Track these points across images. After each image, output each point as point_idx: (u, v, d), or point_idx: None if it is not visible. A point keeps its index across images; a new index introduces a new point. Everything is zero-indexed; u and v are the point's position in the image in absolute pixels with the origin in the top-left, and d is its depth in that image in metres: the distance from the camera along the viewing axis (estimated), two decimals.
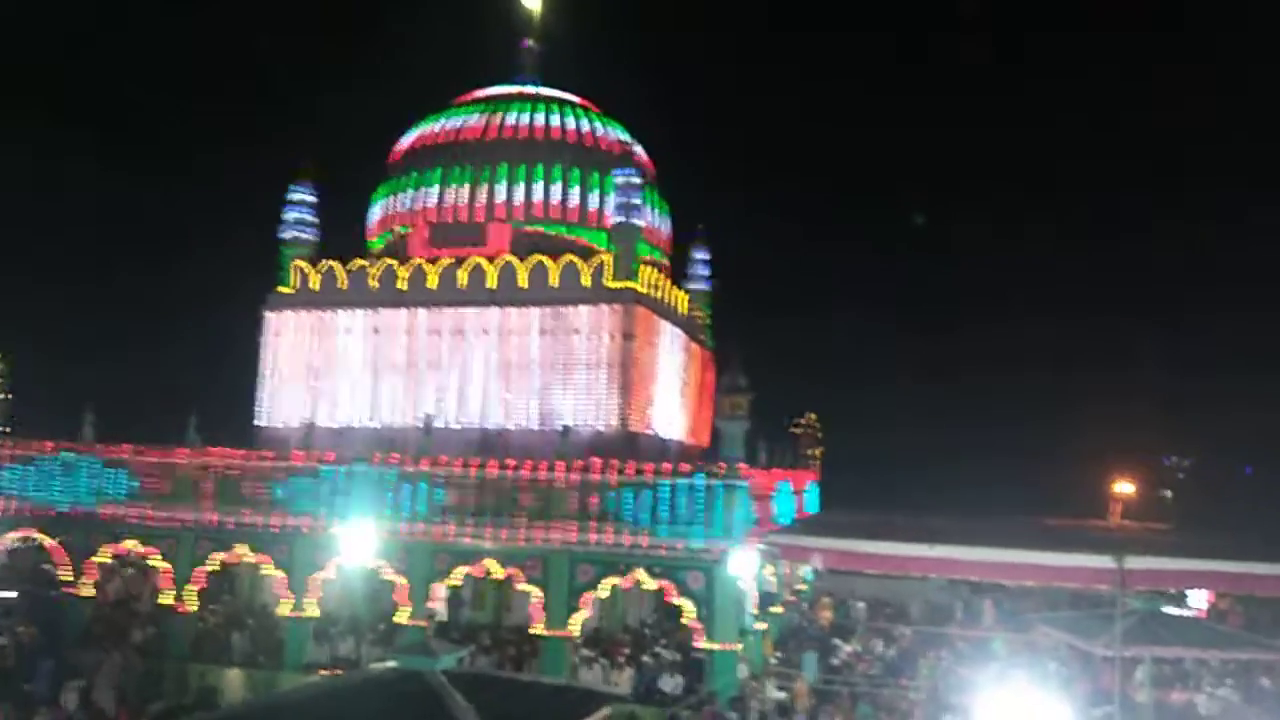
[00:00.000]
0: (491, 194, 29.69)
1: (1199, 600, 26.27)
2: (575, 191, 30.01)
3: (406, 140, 32.31)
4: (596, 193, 30.08)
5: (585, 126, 31.29)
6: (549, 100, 31.85)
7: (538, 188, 29.72)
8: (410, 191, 30.81)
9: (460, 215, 29.82)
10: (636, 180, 28.49)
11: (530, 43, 33.99)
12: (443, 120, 31.67)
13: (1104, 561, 17.15)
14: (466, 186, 29.89)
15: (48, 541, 25.10)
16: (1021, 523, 26.68)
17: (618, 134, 31.28)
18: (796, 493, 29.62)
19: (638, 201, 28.15)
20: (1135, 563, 17.11)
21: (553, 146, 30.39)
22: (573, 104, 32.09)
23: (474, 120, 31.06)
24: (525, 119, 30.84)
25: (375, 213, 32.08)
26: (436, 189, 30.20)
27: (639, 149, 31.13)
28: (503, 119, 30.85)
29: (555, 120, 31.01)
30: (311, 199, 30.33)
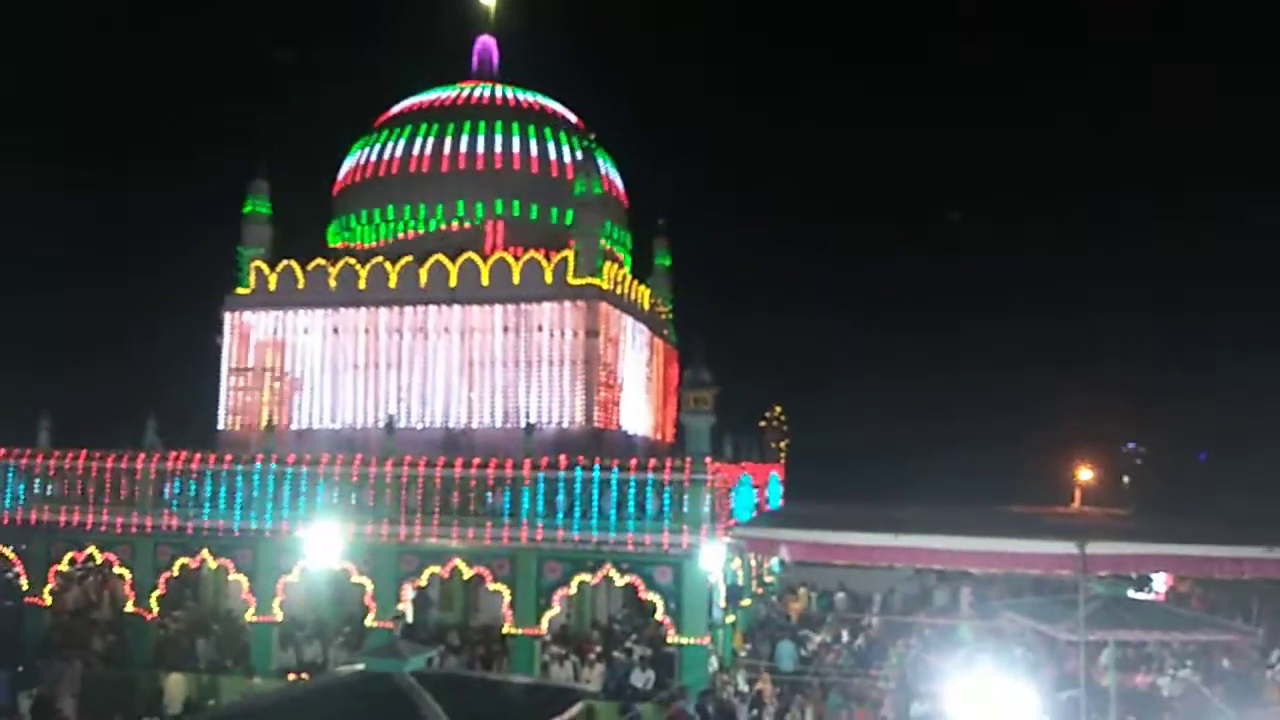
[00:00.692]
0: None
1: (1160, 584, 26.75)
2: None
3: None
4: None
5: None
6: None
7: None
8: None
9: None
10: (597, 176, 28.42)
11: (486, 38, 33.73)
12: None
13: (1066, 547, 17.41)
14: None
15: (5, 550, 24.64)
16: (985, 511, 27.00)
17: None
18: (759, 485, 29.72)
19: (597, 197, 28.09)
20: (1097, 548, 17.38)
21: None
22: (528, 111, 30.87)
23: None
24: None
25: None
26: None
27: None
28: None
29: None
30: (267, 199, 29.92)
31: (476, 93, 31.28)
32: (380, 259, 28.13)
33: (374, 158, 30.39)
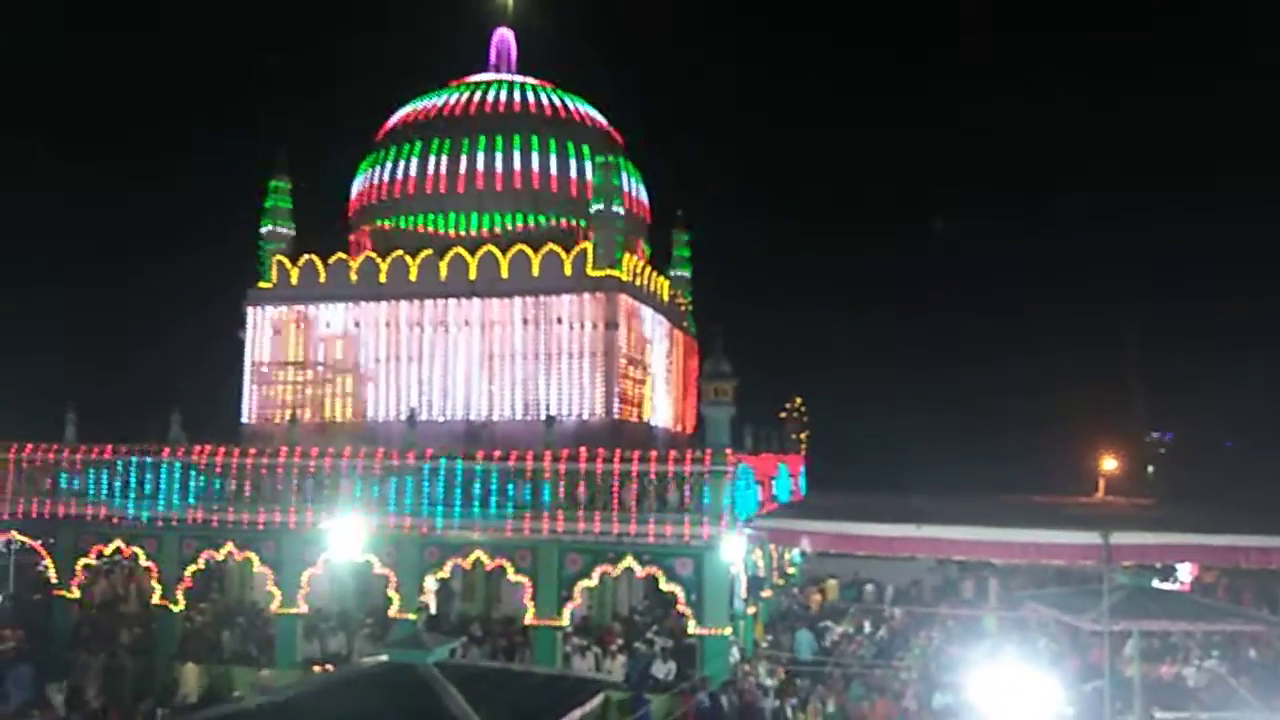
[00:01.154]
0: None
1: (1185, 574, 26.52)
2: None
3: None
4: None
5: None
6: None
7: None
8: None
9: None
10: (616, 167, 28.33)
11: (504, 30, 33.68)
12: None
13: (1090, 537, 17.33)
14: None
15: (33, 543, 24.94)
16: (1008, 501, 26.88)
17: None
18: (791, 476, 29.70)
19: (618, 187, 27.99)
20: (1121, 538, 17.29)
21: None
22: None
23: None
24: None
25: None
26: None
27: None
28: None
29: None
30: (288, 192, 30.05)
31: (491, 96, 30.72)
32: (400, 253, 28.19)
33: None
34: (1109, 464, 41.17)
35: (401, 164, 29.82)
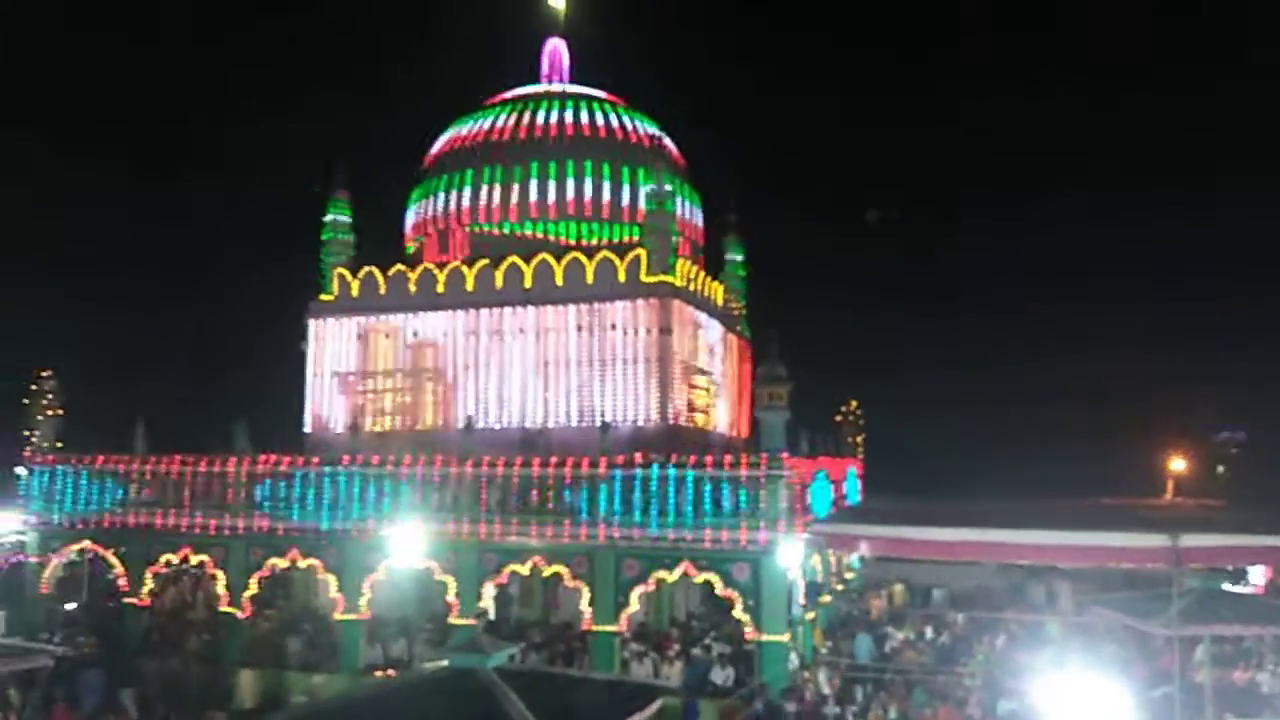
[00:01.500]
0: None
1: (1258, 577, 25.77)
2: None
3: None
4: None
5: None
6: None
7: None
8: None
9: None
10: (670, 193, 28.38)
11: (556, 40, 33.95)
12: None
13: (1159, 540, 16.90)
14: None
15: (105, 552, 25.63)
16: (1073, 503, 26.27)
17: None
18: (837, 480, 29.40)
19: (672, 214, 28.09)
20: (1191, 540, 16.83)
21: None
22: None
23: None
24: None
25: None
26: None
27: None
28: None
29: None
30: (348, 207, 30.54)
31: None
32: (456, 264, 28.53)
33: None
34: (1177, 464, 40.09)
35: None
